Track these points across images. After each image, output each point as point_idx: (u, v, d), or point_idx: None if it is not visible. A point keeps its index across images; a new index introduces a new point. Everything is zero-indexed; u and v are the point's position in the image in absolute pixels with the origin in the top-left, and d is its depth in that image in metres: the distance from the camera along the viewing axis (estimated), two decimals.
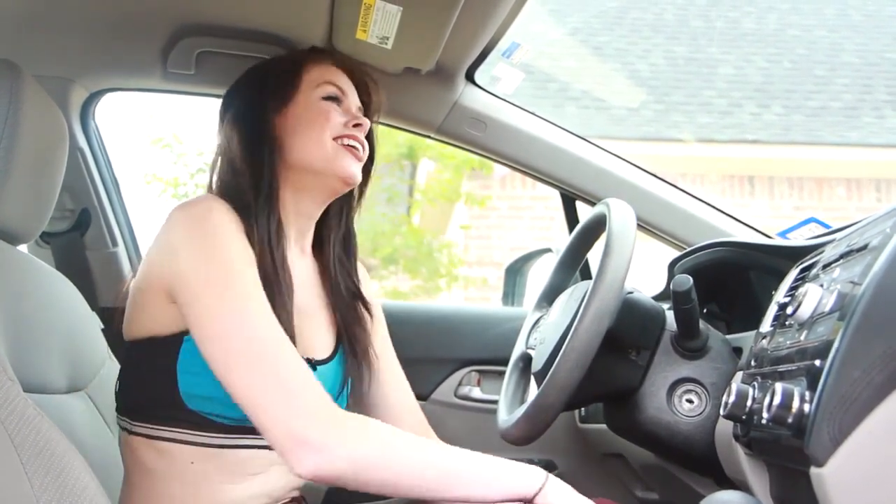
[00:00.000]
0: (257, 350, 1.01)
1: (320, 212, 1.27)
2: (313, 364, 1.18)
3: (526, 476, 1.00)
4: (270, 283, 1.10)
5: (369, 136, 1.29)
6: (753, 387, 0.91)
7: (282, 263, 1.15)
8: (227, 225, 1.09)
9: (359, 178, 1.25)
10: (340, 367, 1.24)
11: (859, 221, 1.01)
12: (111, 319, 1.40)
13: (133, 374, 1.14)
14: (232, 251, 1.07)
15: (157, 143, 6.96)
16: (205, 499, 1.10)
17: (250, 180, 1.17)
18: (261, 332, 1.03)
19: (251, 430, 1.10)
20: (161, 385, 1.09)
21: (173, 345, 1.08)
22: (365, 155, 1.26)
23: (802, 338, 0.86)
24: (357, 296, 1.30)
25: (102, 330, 1.36)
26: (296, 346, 1.06)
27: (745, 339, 1.14)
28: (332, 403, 1.02)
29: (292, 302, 1.14)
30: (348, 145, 1.23)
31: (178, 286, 1.06)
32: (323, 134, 1.21)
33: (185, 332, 1.08)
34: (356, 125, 1.24)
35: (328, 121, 1.22)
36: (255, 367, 1.00)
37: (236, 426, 1.10)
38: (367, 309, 1.31)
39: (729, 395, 0.91)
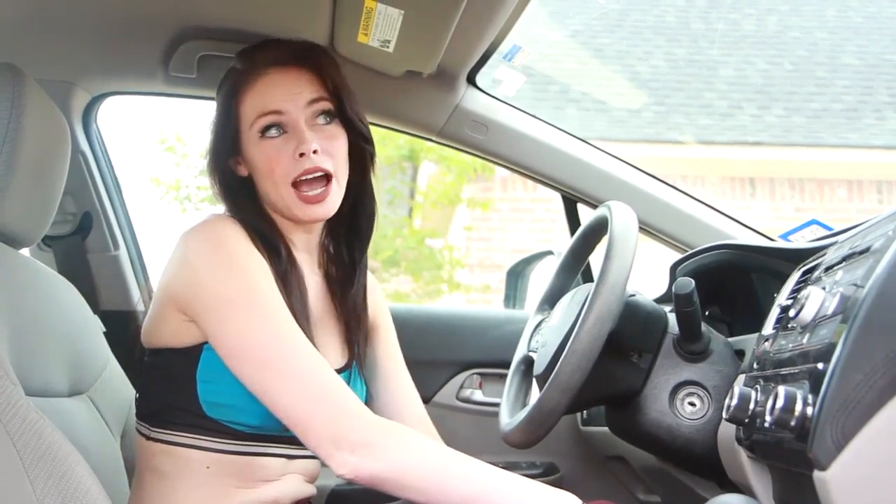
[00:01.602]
0: (291, 363, 1.03)
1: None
2: None
3: (558, 502, 0.99)
4: (285, 290, 1.11)
5: (344, 111, 1.19)
6: (756, 390, 0.91)
7: (294, 274, 1.16)
8: (242, 244, 1.10)
9: (325, 213, 1.17)
10: (355, 377, 1.24)
11: (861, 224, 1.01)
12: (113, 323, 1.41)
13: (153, 382, 1.16)
14: (251, 269, 1.09)
15: (160, 146, 6.97)
16: (216, 502, 1.10)
17: (239, 213, 1.18)
18: (291, 344, 1.05)
19: (268, 438, 1.12)
20: (181, 393, 1.10)
21: (193, 354, 1.10)
22: (333, 168, 1.16)
23: (805, 341, 0.86)
24: (361, 301, 1.29)
25: (105, 333, 1.36)
26: None
27: (748, 341, 1.14)
28: (367, 409, 1.04)
29: (308, 310, 1.15)
30: (304, 194, 1.14)
31: (198, 305, 1.07)
32: (275, 182, 1.15)
33: (205, 342, 1.10)
34: (301, 154, 1.13)
35: (272, 171, 1.15)
36: (291, 379, 1.02)
37: (254, 434, 1.12)
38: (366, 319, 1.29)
39: (731, 398, 0.91)
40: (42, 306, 1.15)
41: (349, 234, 1.28)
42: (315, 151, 1.14)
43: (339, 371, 1.20)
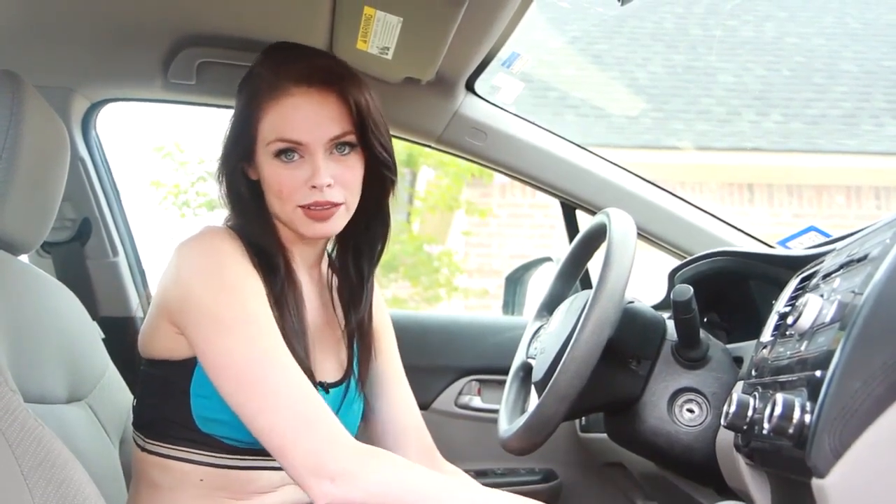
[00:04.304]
0: (274, 386, 1.02)
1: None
2: (324, 387, 1.17)
3: None
4: (280, 307, 1.10)
5: (367, 139, 1.14)
6: (754, 397, 0.91)
7: (290, 290, 1.14)
8: (236, 259, 1.08)
9: (330, 232, 1.14)
10: (352, 389, 1.23)
11: (859, 231, 1.02)
12: (112, 329, 1.41)
13: (148, 392, 1.15)
14: (244, 286, 1.07)
15: (159, 152, 6.99)
16: None
17: (242, 221, 1.16)
18: (277, 367, 1.03)
19: (262, 453, 1.11)
20: (174, 406, 1.10)
21: (187, 368, 1.09)
22: (344, 199, 1.13)
23: (803, 348, 0.86)
24: (367, 318, 1.26)
25: (104, 340, 1.36)
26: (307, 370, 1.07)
27: (746, 348, 1.14)
28: (349, 435, 1.03)
29: (304, 325, 1.14)
30: (310, 211, 1.11)
31: (188, 319, 1.06)
32: (283, 203, 1.12)
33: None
34: (314, 186, 1.10)
35: (280, 192, 1.11)
36: (274, 403, 1.01)
37: (248, 448, 1.11)
38: (370, 333, 1.27)
39: (730, 405, 0.91)
40: (41, 313, 1.15)
41: (359, 250, 1.25)
42: (329, 185, 1.10)
43: (334, 385, 1.19)
